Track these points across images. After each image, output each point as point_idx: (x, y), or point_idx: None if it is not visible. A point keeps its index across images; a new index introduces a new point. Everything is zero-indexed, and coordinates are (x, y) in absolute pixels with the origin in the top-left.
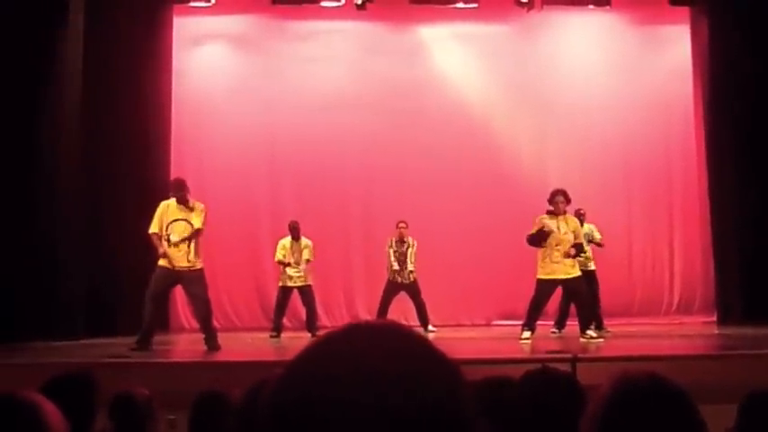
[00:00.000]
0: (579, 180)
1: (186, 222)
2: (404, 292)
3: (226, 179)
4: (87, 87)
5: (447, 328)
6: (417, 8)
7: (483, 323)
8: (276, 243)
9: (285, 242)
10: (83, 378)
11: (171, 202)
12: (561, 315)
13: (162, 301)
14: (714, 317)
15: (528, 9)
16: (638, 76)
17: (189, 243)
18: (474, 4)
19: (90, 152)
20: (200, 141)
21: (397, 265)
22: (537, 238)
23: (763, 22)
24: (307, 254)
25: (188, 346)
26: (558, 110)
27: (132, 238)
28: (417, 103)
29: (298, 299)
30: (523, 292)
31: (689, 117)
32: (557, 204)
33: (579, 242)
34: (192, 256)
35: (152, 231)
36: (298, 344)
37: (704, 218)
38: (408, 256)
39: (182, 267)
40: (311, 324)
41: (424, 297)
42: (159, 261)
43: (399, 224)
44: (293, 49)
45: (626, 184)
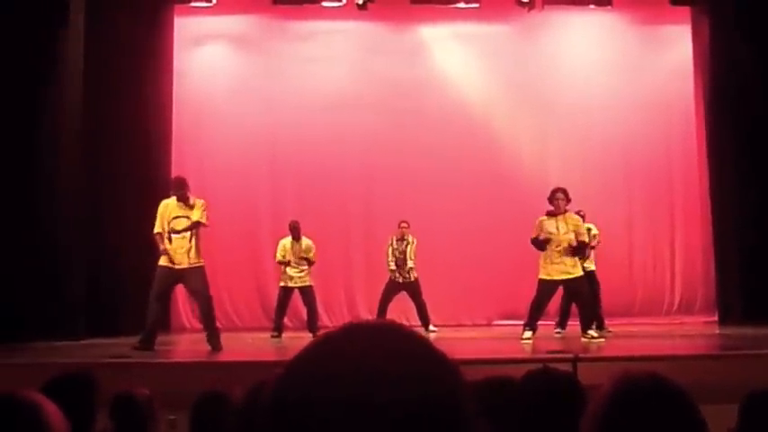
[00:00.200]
0: (580, 180)
1: (187, 219)
2: (404, 291)
3: (227, 179)
4: (88, 87)
5: (448, 328)
6: (418, 8)
7: (484, 323)
8: (277, 243)
9: (285, 242)
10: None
11: (170, 201)
12: (562, 315)
13: (165, 300)
14: (715, 317)
15: (529, 9)
16: (638, 76)
17: (191, 239)
18: (475, 4)
19: (91, 152)
20: (200, 141)
21: (394, 265)
22: (538, 245)
23: (764, 22)
24: (310, 254)
25: (189, 347)
26: (559, 110)
27: (133, 238)
28: (418, 103)
29: (299, 299)
30: (524, 292)
31: (690, 117)
32: (557, 202)
33: (582, 240)
34: (194, 253)
35: (156, 231)
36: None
37: (705, 218)
38: (408, 253)
39: (182, 266)
40: (312, 324)
41: (424, 297)
42: (160, 261)
43: (401, 224)
44: (294, 49)
45: (627, 184)
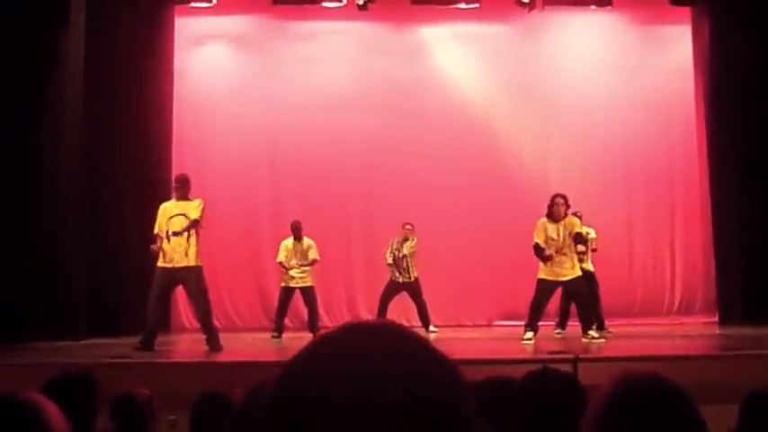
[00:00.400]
0: (580, 180)
1: (184, 217)
2: (405, 292)
3: (227, 179)
4: (89, 87)
5: (448, 328)
6: (419, 8)
7: (484, 323)
8: (277, 243)
9: (287, 243)
10: (84, 378)
11: (168, 203)
12: (562, 316)
13: (165, 301)
14: (715, 317)
15: (529, 9)
16: (639, 76)
17: (188, 238)
18: (475, 5)
19: (91, 152)
20: (201, 141)
21: (391, 259)
22: (539, 254)
23: (764, 23)
24: (312, 253)
25: (189, 347)
26: (560, 110)
27: (133, 238)
28: (418, 104)
29: (300, 299)
30: (525, 293)
31: (690, 117)
32: (557, 208)
33: (578, 231)
34: (192, 252)
35: (155, 233)
36: (299, 344)
37: (705, 218)
38: (405, 248)
39: (180, 265)
40: (313, 324)
41: (425, 297)
42: (158, 262)
43: (406, 225)
44: (294, 49)
45: (627, 184)
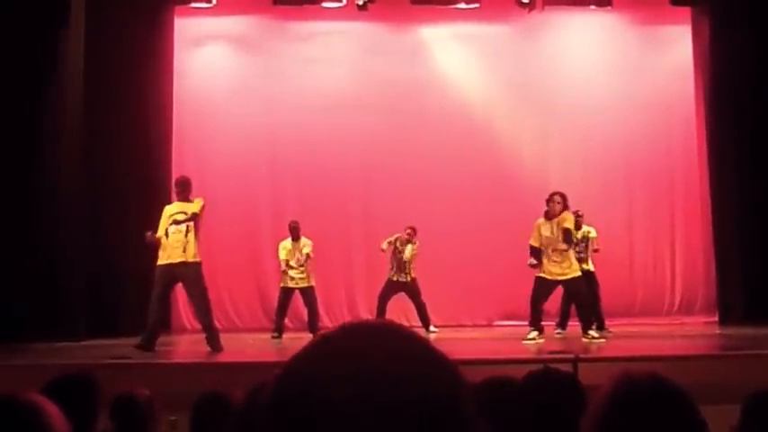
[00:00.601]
0: (581, 180)
1: (184, 215)
2: (403, 292)
3: (227, 179)
4: (89, 87)
5: (448, 328)
6: (418, 9)
7: (484, 324)
8: (277, 243)
9: (286, 243)
10: (84, 379)
11: (171, 206)
12: (562, 316)
13: (166, 301)
14: (715, 317)
15: (529, 9)
16: (639, 77)
17: (186, 233)
18: (475, 5)
19: (91, 152)
20: (201, 142)
21: (385, 245)
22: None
23: (764, 23)
24: (306, 249)
25: (189, 347)
26: (560, 110)
27: (134, 239)
28: (418, 104)
29: (299, 299)
30: (525, 293)
31: (690, 117)
32: (553, 205)
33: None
34: (190, 248)
35: (157, 235)
36: (299, 345)
37: (705, 218)
38: (407, 251)
39: (177, 261)
40: (313, 325)
41: (424, 297)
42: (157, 261)
43: (407, 230)
44: (294, 49)
45: (627, 185)
